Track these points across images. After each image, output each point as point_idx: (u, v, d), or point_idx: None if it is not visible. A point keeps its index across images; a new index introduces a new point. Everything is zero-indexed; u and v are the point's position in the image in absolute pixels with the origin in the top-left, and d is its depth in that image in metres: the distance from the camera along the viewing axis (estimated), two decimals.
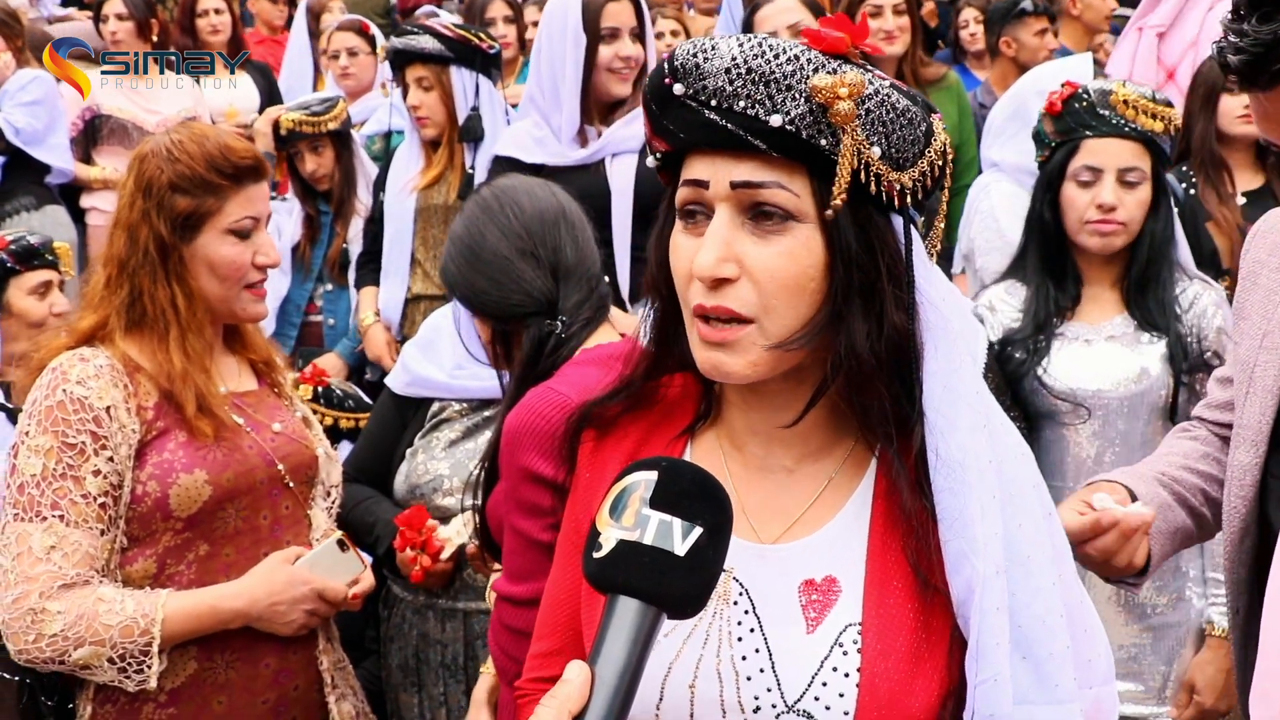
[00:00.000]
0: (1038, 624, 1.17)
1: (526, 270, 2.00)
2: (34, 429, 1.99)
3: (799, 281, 1.14)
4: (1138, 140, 2.57)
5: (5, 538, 1.97)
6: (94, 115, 5.39)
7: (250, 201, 2.13)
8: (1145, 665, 2.67)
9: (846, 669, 1.17)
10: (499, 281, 2.00)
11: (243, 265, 2.13)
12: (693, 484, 1.02)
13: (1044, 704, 1.16)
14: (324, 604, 2.16)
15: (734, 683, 1.20)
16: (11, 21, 5.34)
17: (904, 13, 4.30)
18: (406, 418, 2.74)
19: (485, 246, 2.02)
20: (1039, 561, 1.18)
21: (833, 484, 1.25)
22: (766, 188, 1.14)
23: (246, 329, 2.28)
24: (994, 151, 3.64)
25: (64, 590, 1.94)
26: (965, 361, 1.19)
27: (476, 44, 3.83)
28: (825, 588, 1.21)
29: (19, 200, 5.12)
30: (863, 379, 1.17)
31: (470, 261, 2.02)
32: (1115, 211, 2.57)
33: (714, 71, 1.12)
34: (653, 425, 1.34)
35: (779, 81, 1.10)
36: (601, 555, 0.99)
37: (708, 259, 1.14)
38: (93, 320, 2.10)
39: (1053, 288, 2.67)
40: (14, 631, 1.94)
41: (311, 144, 4.35)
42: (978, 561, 1.14)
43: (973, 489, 1.15)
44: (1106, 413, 2.61)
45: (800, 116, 1.10)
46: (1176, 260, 2.66)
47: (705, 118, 1.13)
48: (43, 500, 1.95)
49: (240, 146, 2.14)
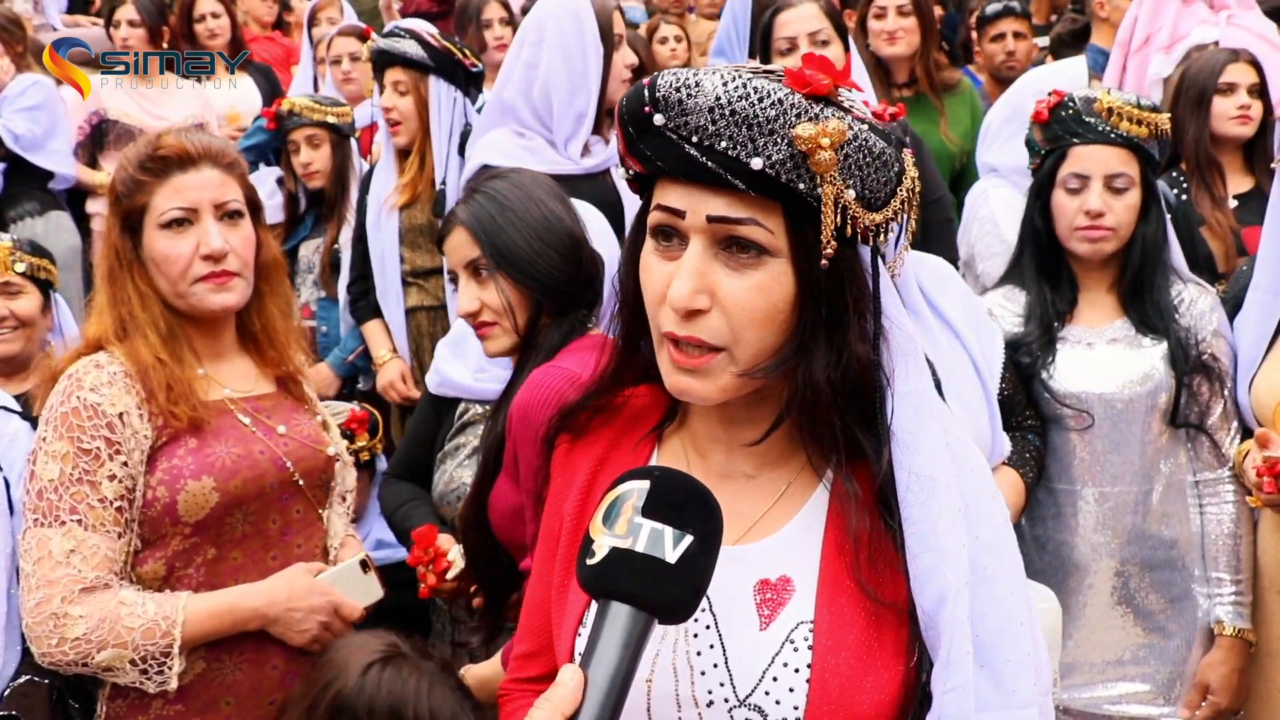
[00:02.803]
0: (995, 632, 1.20)
1: (588, 262, 2.17)
2: (50, 435, 2.02)
3: (768, 314, 1.18)
4: (1124, 146, 2.59)
5: (26, 543, 2.00)
6: (100, 120, 5.40)
7: (178, 192, 2.10)
8: (1151, 665, 2.69)
9: (797, 665, 1.20)
10: (570, 261, 2.16)
11: (179, 258, 2.10)
12: (684, 493, 1.05)
13: (1002, 709, 1.20)
14: (338, 620, 2.18)
15: (689, 677, 1.24)
16: (12, 28, 5.35)
17: (909, 14, 4.29)
18: (441, 416, 2.79)
19: (559, 228, 2.16)
20: (995, 570, 1.22)
21: (790, 489, 1.29)
22: (743, 224, 1.16)
23: (270, 333, 2.26)
24: (991, 155, 3.65)
25: (84, 594, 1.97)
26: (930, 382, 1.23)
27: (460, 59, 3.78)
28: (780, 587, 1.24)
29: (23, 206, 5.12)
30: (817, 408, 1.21)
31: (541, 236, 2.14)
32: (1103, 217, 2.60)
33: (697, 109, 1.14)
34: (621, 431, 1.38)
35: (762, 126, 1.12)
36: (595, 562, 1.02)
37: (682, 290, 1.17)
38: (96, 327, 2.14)
39: (1050, 293, 2.70)
40: (37, 635, 1.97)
41: (309, 136, 4.32)
42: (949, 572, 1.18)
43: (941, 503, 1.19)
44: (1111, 415, 2.64)
45: (781, 161, 1.13)
46: (1170, 263, 2.68)
47: (685, 152, 1.15)
48: (61, 505, 1.98)
49: (168, 140, 2.13)
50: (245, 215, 2.18)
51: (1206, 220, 3.43)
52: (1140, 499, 2.65)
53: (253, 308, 2.23)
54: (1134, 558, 2.67)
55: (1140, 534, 2.66)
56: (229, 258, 2.12)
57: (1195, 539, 2.68)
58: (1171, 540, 2.67)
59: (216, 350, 2.20)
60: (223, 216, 2.14)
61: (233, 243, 2.13)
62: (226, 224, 2.14)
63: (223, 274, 2.12)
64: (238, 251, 2.14)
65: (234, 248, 2.13)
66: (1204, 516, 2.68)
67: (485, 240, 2.16)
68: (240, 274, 2.15)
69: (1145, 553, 2.67)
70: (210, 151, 2.14)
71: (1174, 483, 2.67)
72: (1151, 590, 2.67)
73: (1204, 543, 2.67)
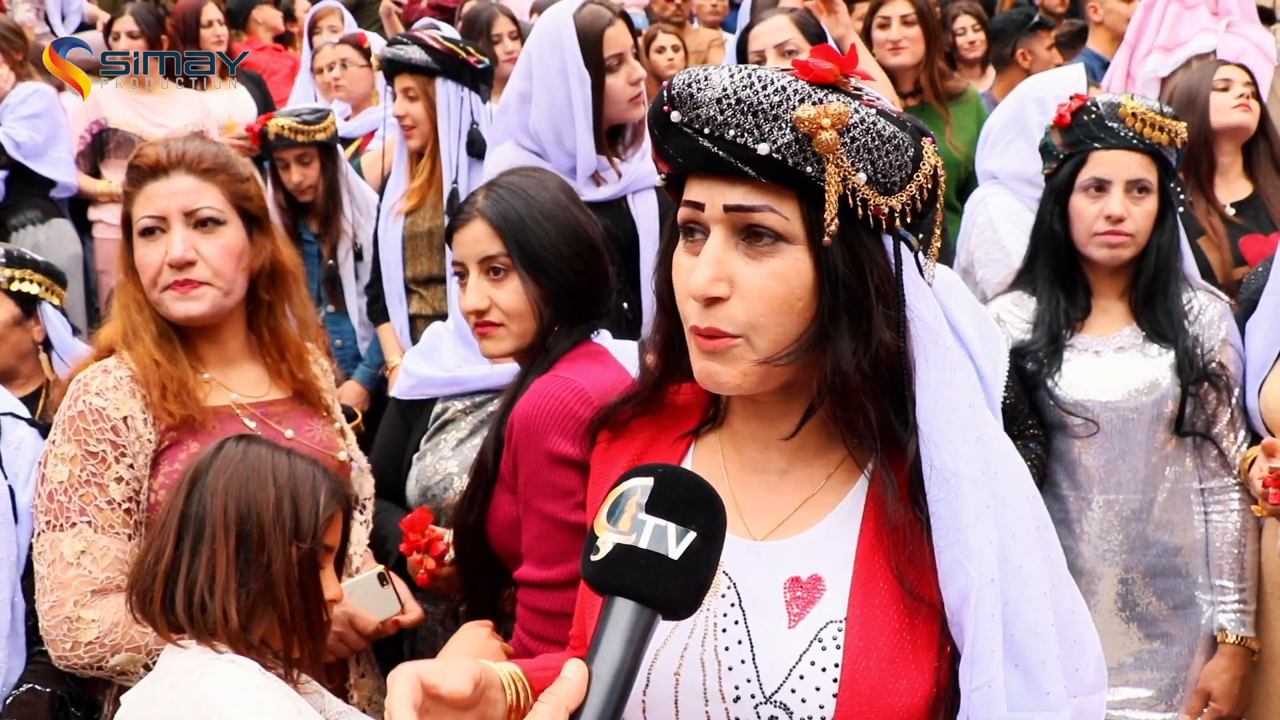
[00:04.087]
0: (1029, 632, 1.20)
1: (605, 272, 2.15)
2: (59, 438, 2.04)
3: (787, 301, 1.20)
4: (1145, 152, 2.60)
5: (40, 545, 2.01)
6: (101, 129, 5.42)
7: (149, 200, 2.11)
8: (1154, 671, 2.69)
9: (825, 664, 1.21)
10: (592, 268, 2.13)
11: (149, 266, 2.10)
12: (688, 490, 1.05)
13: (1035, 710, 1.20)
14: (353, 632, 2.17)
15: (716, 672, 1.25)
16: (13, 37, 5.36)
17: (913, 24, 4.31)
18: (411, 423, 2.75)
19: (583, 238, 2.12)
20: (1030, 571, 1.21)
21: (825, 487, 1.29)
22: (758, 211, 1.19)
23: (281, 341, 2.25)
24: (991, 161, 3.65)
25: (97, 596, 1.97)
26: (958, 375, 1.23)
27: (464, 58, 3.80)
28: (810, 585, 1.25)
29: (25, 214, 5.14)
30: (849, 396, 1.21)
31: (568, 240, 2.11)
32: (1123, 223, 2.60)
33: (706, 101, 1.18)
34: (661, 429, 1.40)
35: (766, 111, 1.16)
36: (599, 558, 1.02)
37: (701, 278, 1.20)
38: (107, 332, 2.16)
39: (1063, 299, 2.69)
40: (53, 639, 1.98)
41: (299, 155, 4.31)
42: (972, 569, 1.17)
43: (966, 498, 1.19)
44: (1117, 423, 2.64)
45: (786, 145, 1.16)
46: (1182, 271, 2.69)
47: (699, 144, 1.19)
48: (71, 507, 1.99)
49: (145, 150, 2.14)
50: (225, 223, 2.13)
51: (1204, 229, 3.43)
52: (1145, 506, 2.65)
53: (261, 317, 2.23)
54: (1138, 564, 2.67)
55: (1144, 541, 2.66)
56: (197, 266, 2.09)
57: (1199, 546, 2.68)
58: (1175, 547, 2.67)
59: (224, 356, 2.20)
60: (196, 224, 2.11)
61: (204, 251, 2.10)
62: (199, 232, 2.11)
63: (187, 283, 2.10)
64: (209, 259, 2.10)
65: (204, 256, 2.10)
66: (1208, 524, 2.68)
67: (510, 237, 2.11)
68: (210, 283, 2.11)
69: (1149, 560, 2.67)
70: (186, 159, 2.12)
71: (1178, 490, 2.67)
72: (1155, 597, 2.68)
73: (1208, 550, 2.68)
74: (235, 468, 1.82)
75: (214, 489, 1.80)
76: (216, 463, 1.83)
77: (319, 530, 1.83)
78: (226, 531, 1.78)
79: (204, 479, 1.82)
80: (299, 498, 1.83)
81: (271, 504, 1.80)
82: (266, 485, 1.81)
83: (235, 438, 1.88)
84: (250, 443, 1.87)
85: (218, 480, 1.81)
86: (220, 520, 1.78)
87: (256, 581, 1.76)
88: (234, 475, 1.81)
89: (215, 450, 1.86)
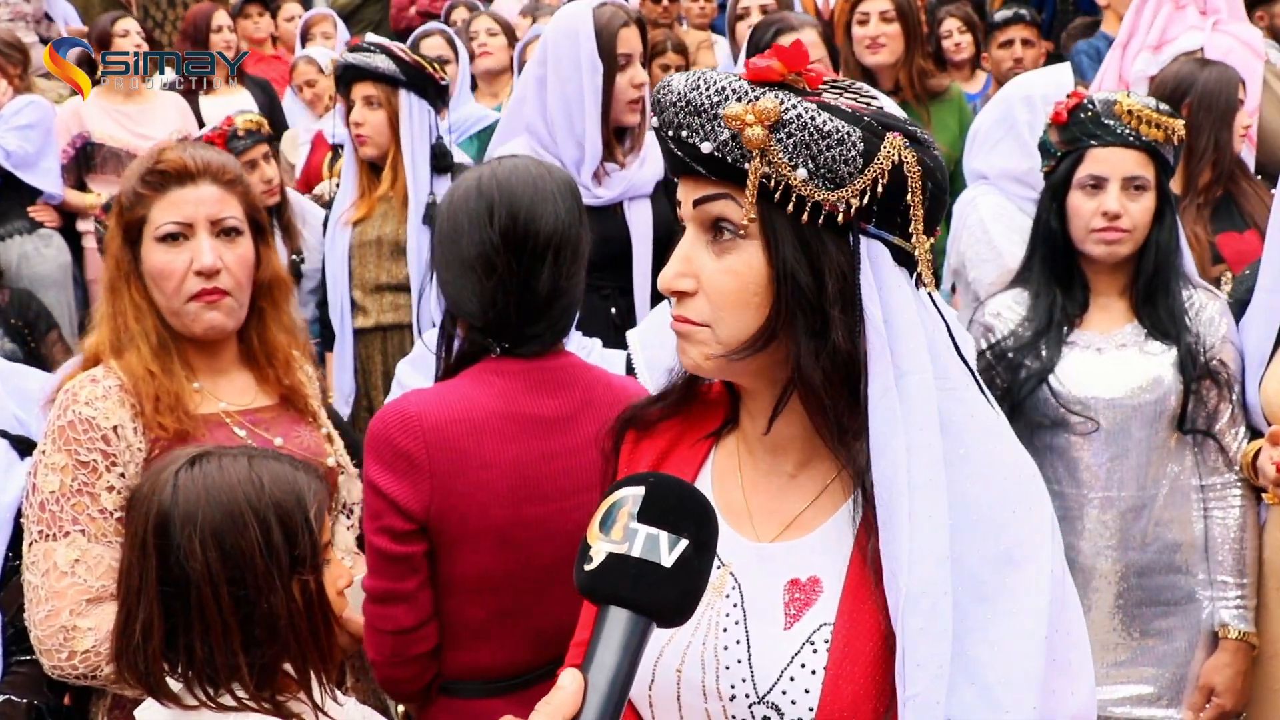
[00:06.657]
0: (988, 649, 1.17)
1: (484, 283, 1.94)
2: (49, 448, 2.03)
3: (741, 296, 1.23)
4: (1142, 150, 2.61)
5: (32, 555, 2.00)
6: (85, 142, 5.42)
7: (175, 206, 2.09)
8: (1155, 668, 2.69)
9: (814, 666, 1.21)
10: (459, 279, 1.98)
11: (173, 273, 2.08)
12: (680, 498, 1.05)
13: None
14: (344, 635, 2.15)
15: (714, 670, 1.26)
16: (12, 51, 5.37)
17: (892, 20, 4.26)
18: None
19: (460, 243, 1.96)
20: (996, 587, 1.19)
21: (829, 490, 1.30)
22: (715, 200, 1.23)
23: (270, 350, 2.23)
24: (979, 161, 3.63)
25: (91, 605, 1.96)
26: (910, 380, 1.21)
27: (430, 73, 3.79)
28: (809, 587, 1.26)
29: (13, 224, 5.15)
30: (812, 397, 1.22)
31: (445, 247, 2.00)
32: (1120, 219, 2.60)
33: (668, 105, 1.23)
34: (686, 429, 1.42)
35: (707, 111, 1.20)
36: (592, 567, 1.02)
37: (668, 273, 1.26)
38: (93, 340, 2.14)
39: (1061, 296, 2.70)
40: (47, 649, 1.96)
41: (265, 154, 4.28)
42: (901, 580, 1.17)
43: (901, 507, 1.18)
44: (1118, 420, 2.64)
45: (724, 143, 1.19)
46: (1182, 269, 2.69)
47: (669, 147, 1.25)
48: (63, 516, 1.98)
49: (171, 154, 2.12)
50: (244, 234, 2.15)
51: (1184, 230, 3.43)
52: (1145, 503, 2.66)
53: (252, 325, 2.22)
54: (1138, 561, 2.67)
55: (1145, 538, 2.66)
56: (222, 275, 2.10)
57: (1199, 542, 2.68)
58: (1175, 544, 2.67)
59: (215, 366, 2.19)
60: (219, 233, 2.12)
61: (227, 260, 2.11)
62: (223, 241, 2.12)
63: (214, 291, 2.10)
64: (231, 269, 2.11)
65: (227, 265, 2.11)
66: (1209, 520, 2.68)
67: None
68: (231, 293, 2.12)
69: (1150, 556, 2.67)
70: (211, 168, 2.12)
71: (1179, 487, 2.67)
72: (1155, 593, 2.68)
73: (1208, 546, 2.68)
74: (204, 513, 1.61)
75: (188, 550, 1.60)
76: (180, 509, 1.62)
77: (318, 547, 1.69)
78: (216, 589, 1.60)
79: (171, 531, 1.61)
80: (287, 518, 1.64)
81: (259, 545, 1.62)
82: (246, 522, 1.62)
83: (187, 462, 1.66)
84: (203, 466, 1.66)
85: (189, 537, 1.60)
86: (205, 578, 1.60)
87: (262, 630, 1.62)
88: (205, 522, 1.61)
89: (171, 488, 1.64)
